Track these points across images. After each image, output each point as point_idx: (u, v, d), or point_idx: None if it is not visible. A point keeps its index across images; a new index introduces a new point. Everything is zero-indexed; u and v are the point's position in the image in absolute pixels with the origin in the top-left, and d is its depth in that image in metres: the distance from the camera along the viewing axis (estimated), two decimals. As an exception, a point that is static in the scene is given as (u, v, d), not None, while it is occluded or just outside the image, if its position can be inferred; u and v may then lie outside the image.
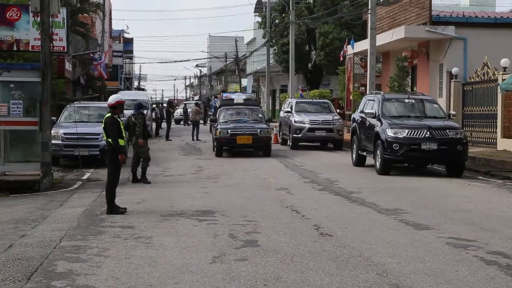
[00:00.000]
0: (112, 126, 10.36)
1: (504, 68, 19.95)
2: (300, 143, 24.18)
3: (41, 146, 13.76)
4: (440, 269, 6.51)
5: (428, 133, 15.04)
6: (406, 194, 12.20)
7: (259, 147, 20.81)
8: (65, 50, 21.82)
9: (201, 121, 36.19)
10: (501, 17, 25.58)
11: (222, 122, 21.14)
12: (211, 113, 35.83)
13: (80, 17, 31.19)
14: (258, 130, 20.46)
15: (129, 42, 65.21)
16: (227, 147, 20.96)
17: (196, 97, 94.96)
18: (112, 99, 10.85)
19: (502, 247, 7.48)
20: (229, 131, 20.34)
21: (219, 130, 20.41)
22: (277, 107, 48.22)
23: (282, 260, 6.92)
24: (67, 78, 26.68)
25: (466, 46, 23.83)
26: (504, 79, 18.40)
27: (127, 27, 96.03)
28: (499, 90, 18.60)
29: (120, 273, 6.51)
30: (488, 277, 6.25)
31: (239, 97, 24.75)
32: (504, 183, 14.09)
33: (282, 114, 27.25)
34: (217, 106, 24.54)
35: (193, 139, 29.14)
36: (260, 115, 22.19)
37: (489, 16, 25.53)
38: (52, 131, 15.34)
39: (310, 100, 28.35)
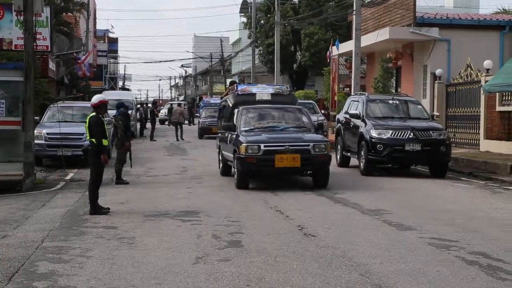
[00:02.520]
0: (97, 126, 10.31)
1: (487, 69, 20.10)
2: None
3: (24, 146, 13.65)
4: (422, 269, 6.55)
5: (411, 134, 15.12)
6: (389, 195, 12.25)
7: (312, 172, 13.06)
8: (49, 50, 21.71)
9: (186, 122, 36.21)
10: (484, 19, 25.78)
11: (246, 131, 13.32)
12: (198, 114, 35.78)
13: (64, 16, 31.02)
14: (310, 144, 12.61)
15: (113, 42, 64.89)
16: (258, 172, 12.96)
17: (181, 98, 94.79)
18: (95, 99, 10.80)
19: (484, 247, 7.53)
20: (262, 146, 12.46)
21: (244, 144, 12.50)
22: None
23: (266, 261, 6.92)
24: (50, 78, 26.50)
25: (450, 47, 23.99)
26: (487, 81, 18.55)
27: (112, 26, 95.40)
28: (482, 91, 18.75)
29: (102, 273, 6.48)
30: (469, 277, 6.29)
31: (263, 91, 15.25)
32: (487, 184, 14.20)
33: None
34: (229, 105, 14.92)
35: (177, 139, 29.14)
36: (305, 119, 14.06)
37: (472, 18, 25.72)
38: (35, 131, 15.24)
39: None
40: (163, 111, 49.59)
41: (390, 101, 16.96)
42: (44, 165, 17.82)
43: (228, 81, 66.96)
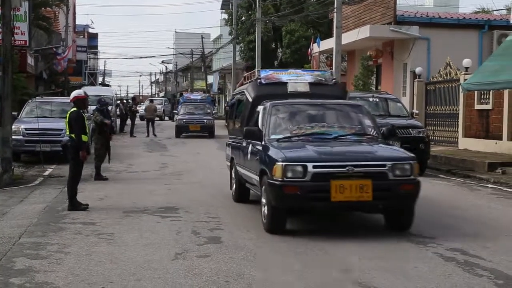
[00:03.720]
0: (76, 122, 10.23)
1: (466, 68, 20.28)
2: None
3: (1, 142, 13.50)
4: (400, 266, 6.59)
5: (391, 131, 15.06)
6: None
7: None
8: (27, 44, 21.51)
9: (157, 118, 36.13)
10: (464, 18, 25.99)
11: (279, 141, 8.75)
12: (176, 111, 35.46)
13: (42, 11, 30.71)
14: (388, 164, 7.89)
15: (93, 37, 64.43)
16: (304, 208, 8.24)
17: (162, 94, 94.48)
18: (72, 94, 10.80)
19: (461, 244, 7.59)
20: (309, 167, 7.75)
21: (281, 163, 7.79)
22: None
23: (245, 257, 6.92)
24: (29, 73, 26.26)
25: (430, 46, 24.16)
26: (466, 79, 18.70)
27: (92, 22, 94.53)
28: (461, 90, 18.90)
29: (80, 269, 6.44)
30: (446, 273, 6.34)
31: (298, 80, 10.41)
32: (465, 181, 14.33)
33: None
34: (248, 99, 10.32)
35: (147, 135, 29.24)
36: (368, 122, 9.39)
37: (452, 17, 25.92)
38: (13, 127, 15.09)
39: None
40: (141, 108, 49.51)
41: (370, 99, 17.04)
42: (22, 161, 17.66)
43: (209, 77, 66.95)
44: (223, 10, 53.01)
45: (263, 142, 8.77)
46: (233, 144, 11.08)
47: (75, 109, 10.40)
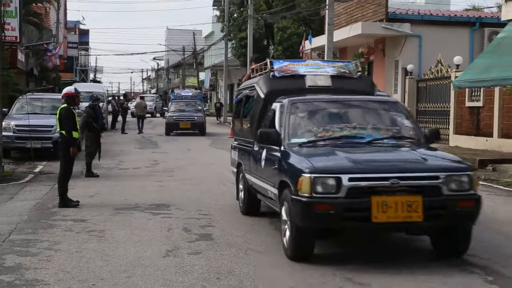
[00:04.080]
0: (67, 118, 10.19)
1: (457, 65, 20.34)
2: (257, 138, 24.17)
3: (-8, 138, 13.43)
4: (393, 264, 6.59)
5: (382, 128, 14.97)
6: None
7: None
8: (18, 40, 21.37)
9: (148, 115, 36.06)
10: (455, 15, 26.07)
11: (302, 145, 7.27)
12: (166, 108, 35.42)
13: (33, 7, 30.54)
14: (441, 175, 6.39)
15: (84, 33, 64.21)
16: (338, 230, 6.61)
17: (153, 91, 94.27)
18: (63, 91, 10.78)
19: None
20: (344, 179, 6.27)
21: (309, 175, 6.31)
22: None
23: (236, 254, 6.91)
24: (19, 69, 26.13)
25: (421, 43, 24.22)
26: (457, 77, 18.76)
27: (83, 18, 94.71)
28: (452, 87, 18.96)
29: (70, 266, 6.41)
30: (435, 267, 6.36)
31: (317, 72, 8.89)
32: (456, 178, 14.36)
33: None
34: (259, 94, 8.77)
35: (139, 132, 29.40)
36: (407, 123, 7.90)
37: (443, 15, 25.99)
38: (3, 123, 15.02)
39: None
40: (133, 105, 49.43)
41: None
42: (13, 157, 17.56)
43: (201, 74, 66.92)
44: (215, 7, 52.92)
45: (282, 147, 7.23)
46: (241, 147, 9.50)
47: (65, 105, 10.36)
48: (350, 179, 6.18)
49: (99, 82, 71.74)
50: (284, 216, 6.83)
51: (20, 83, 26.57)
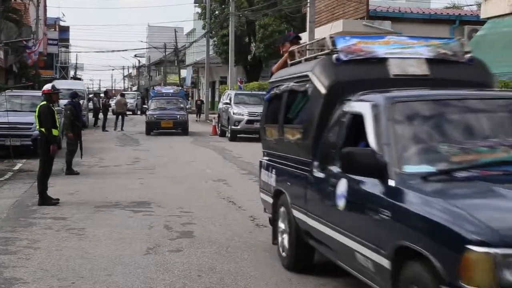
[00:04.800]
0: (46, 115, 10.10)
1: (438, 63, 20.47)
2: (238, 135, 24.23)
3: (-30, 136, 13.27)
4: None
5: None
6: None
7: None
8: (-3, 37, 21.12)
9: (129, 112, 35.84)
10: (435, 13, 26.25)
11: (443, 181, 4.09)
12: (146, 106, 35.18)
13: (12, 3, 30.22)
14: None
15: (65, 30, 63.64)
16: None
17: (135, 88, 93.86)
18: (44, 87, 10.70)
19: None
20: None
21: (506, 262, 3.25)
22: (217, 99, 48.12)
23: (217, 251, 6.90)
24: (-2, 66, 25.84)
25: (402, 41, 24.32)
26: (437, 74, 18.88)
27: (63, 14, 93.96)
28: (432, 84, 19.05)
29: (50, 265, 6.35)
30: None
31: (405, 53, 5.80)
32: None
33: (221, 105, 27.32)
34: (317, 89, 5.71)
35: (115, 129, 29.10)
36: None
37: (424, 12, 26.15)
38: (-18, 120, 14.82)
39: (249, 92, 28.56)
40: (113, 102, 49.21)
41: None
42: (-8, 155, 17.36)
43: (182, 71, 66.88)
44: (197, 4, 52.74)
45: (389, 181, 4.28)
46: (282, 167, 6.57)
47: (44, 102, 10.27)
48: None
49: (79, 79, 71.14)
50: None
51: (-1, 80, 26.30)
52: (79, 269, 6.21)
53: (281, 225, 6.48)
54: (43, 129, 10.05)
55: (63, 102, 16.89)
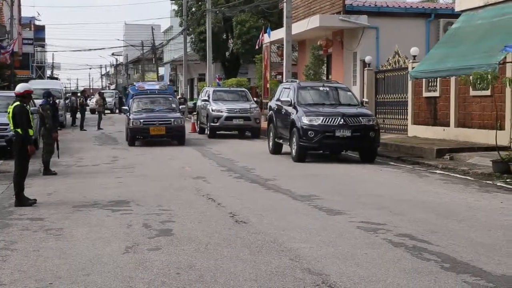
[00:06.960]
0: (21, 116, 9.98)
1: (414, 56, 20.61)
2: (217, 132, 24.19)
3: None
4: (350, 253, 6.65)
5: (342, 120, 15.35)
6: (320, 181, 12.41)
7: None
8: (-30, 37, 20.83)
9: (108, 111, 35.64)
10: (411, 7, 26.43)
11: None
12: (126, 107, 34.86)
13: (-14, 3, 29.83)
14: None
15: (40, 29, 62.97)
16: None
17: (113, 86, 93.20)
18: (20, 87, 10.51)
19: (409, 229, 7.73)
20: None
21: None
22: (195, 96, 47.99)
23: (196, 248, 6.88)
24: (-27, 66, 25.50)
25: (378, 35, 24.46)
26: (414, 67, 19.01)
27: (38, 14, 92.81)
28: (409, 77, 19.21)
29: (27, 266, 6.29)
30: (395, 258, 6.43)
31: None
32: (414, 168, 14.58)
33: (199, 102, 27.19)
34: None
35: (98, 128, 28.99)
36: None
37: (399, 6, 26.30)
38: (-43, 122, 14.61)
39: (228, 89, 28.46)
40: (94, 100, 48.73)
41: (321, 88, 17.17)
42: (-33, 157, 17.13)
43: (160, 69, 66.61)
44: (173, 1, 52.49)
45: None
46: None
47: (18, 103, 10.13)
48: None
49: (56, 79, 70.48)
50: None
51: (-26, 81, 25.96)
52: (57, 269, 6.16)
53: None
54: (18, 130, 9.93)
55: (38, 102, 16.72)
